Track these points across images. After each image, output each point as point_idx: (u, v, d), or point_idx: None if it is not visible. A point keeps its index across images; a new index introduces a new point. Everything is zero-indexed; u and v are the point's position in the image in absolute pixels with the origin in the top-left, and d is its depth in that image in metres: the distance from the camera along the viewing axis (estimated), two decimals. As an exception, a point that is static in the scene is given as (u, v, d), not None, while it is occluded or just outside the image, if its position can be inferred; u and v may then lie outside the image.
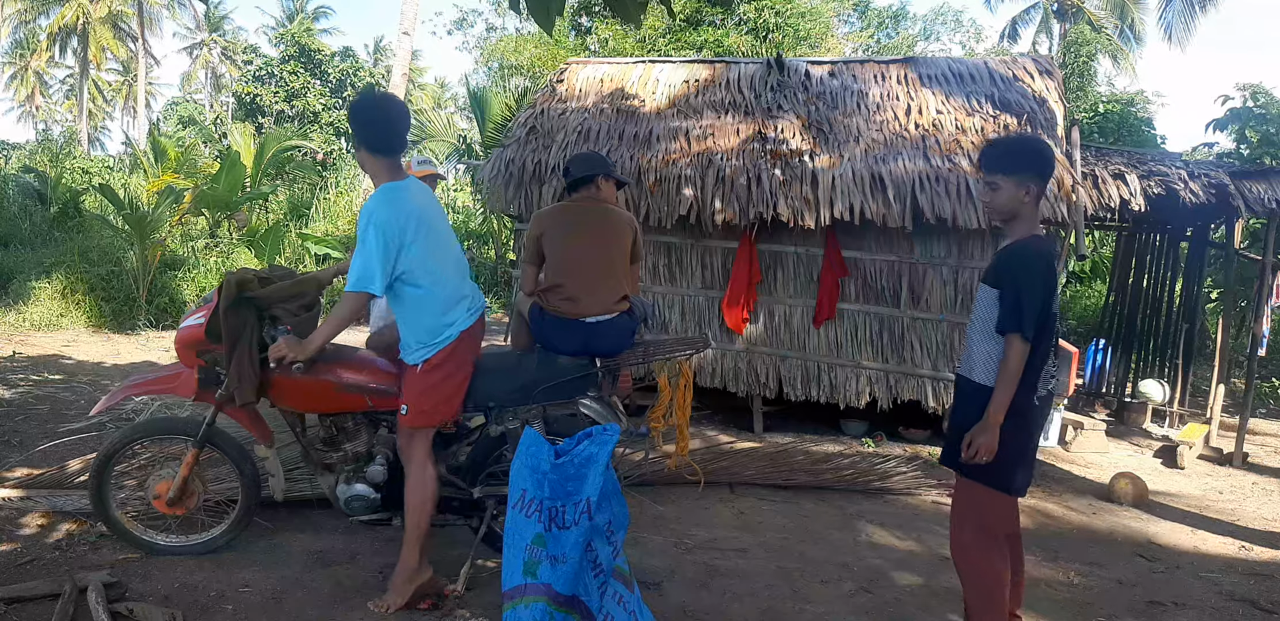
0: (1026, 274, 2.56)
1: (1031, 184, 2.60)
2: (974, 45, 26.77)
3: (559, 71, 7.42)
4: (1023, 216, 2.66)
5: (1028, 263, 2.58)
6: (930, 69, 6.54)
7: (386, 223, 2.74)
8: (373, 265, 2.73)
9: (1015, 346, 2.52)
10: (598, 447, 2.63)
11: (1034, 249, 2.61)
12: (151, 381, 3.31)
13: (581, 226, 3.67)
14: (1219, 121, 8.68)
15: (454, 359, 2.93)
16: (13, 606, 2.77)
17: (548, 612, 2.48)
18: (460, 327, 2.94)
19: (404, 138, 2.97)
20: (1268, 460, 6.28)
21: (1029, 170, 2.61)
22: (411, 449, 2.97)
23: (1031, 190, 2.61)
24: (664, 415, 3.88)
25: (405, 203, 2.81)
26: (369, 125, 2.87)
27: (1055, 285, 2.59)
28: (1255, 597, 3.58)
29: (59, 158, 16.60)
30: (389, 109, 2.92)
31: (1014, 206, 2.64)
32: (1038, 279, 2.54)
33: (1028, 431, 2.66)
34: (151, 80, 41.04)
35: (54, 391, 5.97)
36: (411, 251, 2.79)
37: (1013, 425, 2.59)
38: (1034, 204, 2.65)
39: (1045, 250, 2.63)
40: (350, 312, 2.86)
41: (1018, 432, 2.61)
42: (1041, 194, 2.65)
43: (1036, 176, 2.61)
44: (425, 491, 2.94)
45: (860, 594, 3.36)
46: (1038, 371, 2.61)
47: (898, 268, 5.70)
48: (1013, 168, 2.61)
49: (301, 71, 25.67)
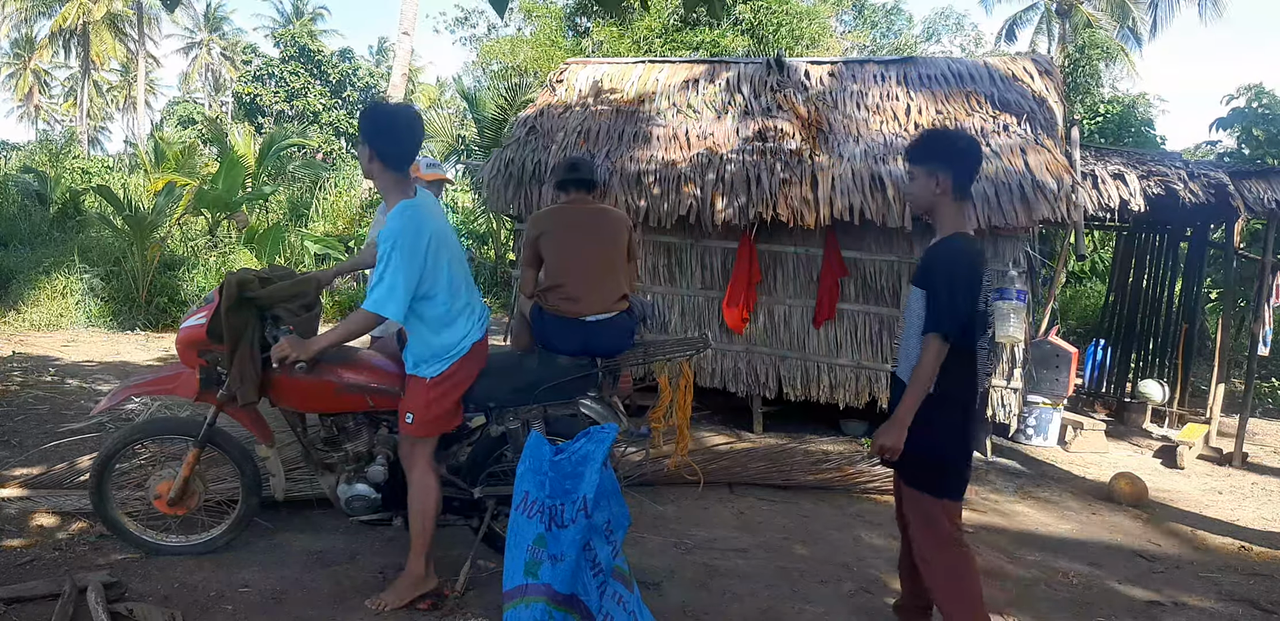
0: (947, 274, 2.54)
1: (940, 174, 2.61)
2: (974, 49, 26.80)
3: (558, 71, 7.42)
4: (943, 211, 2.66)
5: (949, 262, 2.57)
6: (930, 69, 6.54)
7: (415, 245, 2.70)
8: (397, 290, 2.69)
9: (932, 347, 2.51)
10: (594, 445, 2.64)
11: (956, 247, 2.60)
12: (152, 381, 3.30)
13: (579, 227, 3.69)
14: (1223, 120, 8.69)
15: (463, 370, 2.94)
16: (13, 606, 2.77)
17: (547, 612, 2.48)
18: (472, 340, 2.94)
19: (417, 153, 2.94)
20: (1267, 460, 6.29)
21: (936, 160, 2.63)
22: (414, 457, 2.97)
23: (941, 181, 2.61)
24: (664, 415, 3.89)
25: (426, 222, 2.77)
26: (386, 134, 2.80)
27: (978, 283, 2.57)
28: (1255, 597, 3.59)
29: (58, 158, 16.60)
30: (410, 121, 2.85)
31: (927, 197, 2.66)
32: (959, 278, 2.53)
33: (963, 430, 2.62)
34: (152, 81, 41.05)
35: (54, 391, 5.97)
36: (431, 270, 2.78)
37: (946, 423, 2.57)
38: (950, 197, 2.64)
39: (968, 249, 2.62)
40: (360, 329, 2.84)
41: (952, 430, 2.60)
42: (957, 188, 2.63)
43: (946, 167, 2.61)
44: (429, 499, 2.94)
45: (860, 594, 3.36)
46: (972, 370, 2.59)
47: (898, 268, 5.70)
48: (922, 158, 2.66)
49: (302, 71, 25.70)
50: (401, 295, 2.70)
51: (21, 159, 18.51)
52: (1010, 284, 5.35)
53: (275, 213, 14.29)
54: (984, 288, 2.58)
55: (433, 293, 2.81)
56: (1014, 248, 5.48)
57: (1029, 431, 6.24)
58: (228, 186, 11.50)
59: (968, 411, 2.61)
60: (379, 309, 2.71)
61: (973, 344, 2.58)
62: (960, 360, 2.55)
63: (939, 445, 2.57)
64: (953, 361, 2.54)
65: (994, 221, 5.24)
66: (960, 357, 2.55)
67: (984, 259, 2.53)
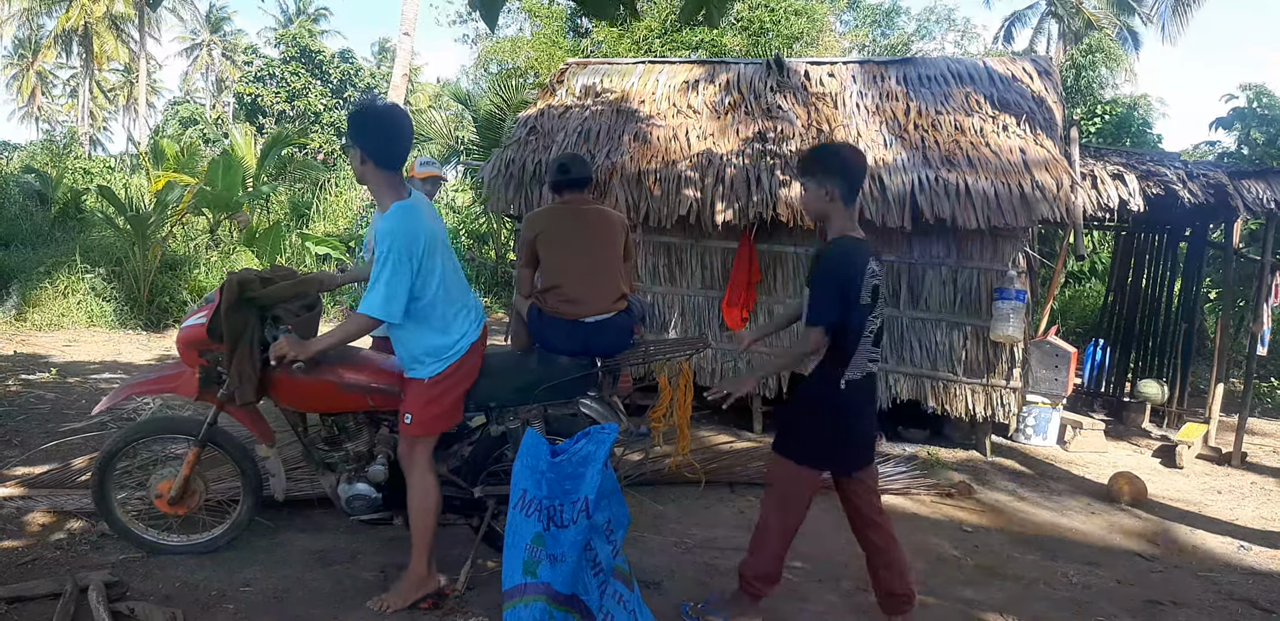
0: (827, 274, 2.80)
1: (829, 185, 2.81)
2: (966, 43, 26.78)
3: (559, 72, 7.43)
4: (834, 217, 2.87)
5: (829, 263, 2.80)
6: (929, 69, 6.55)
7: (410, 247, 2.68)
8: (396, 292, 2.68)
9: (811, 336, 2.79)
10: (595, 446, 2.64)
11: (842, 249, 2.82)
12: (153, 381, 3.31)
13: (575, 227, 3.69)
14: (1222, 120, 8.70)
15: (461, 370, 2.94)
16: (14, 605, 2.78)
17: (547, 611, 2.49)
18: (469, 340, 2.94)
19: (408, 153, 2.93)
20: (1266, 460, 6.29)
21: (823, 172, 2.82)
22: (413, 457, 2.97)
23: (830, 190, 2.81)
24: (664, 415, 3.89)
25: (420, 223, 2.76)
26: (375, 134, 2.78)
27: (858, 279, 2.76)
28: (1254, 597, 3.60)
29: (60, 158, 16.61)
30: (399, 120, 2.83)
31: (820, 206, 2.87)
32: (835, 277, 2.77)
33: (833, 412, 2.86)
34: (154, 81, 41.07)
35: (55, 391, 5.98)
36: (426, 272, 2.77)
37: (816, 404, 2.87)
38: (840, 204, 2.84)
39: (849, 249, 2.82)
40: (360, 332, 2.82)
41: (822, 411, 2.86)
42: (846, 196, 2.83)
43: (835, 178, 2.81)
44: (429, 499, 2.95)
45: (859, 594, 3.37)
46: (848, 355, 2.81)
47: (897, 268, 5.70)
48: (811, 171, 2.87)
49: (302, 72, 25.70)
50: (399, 297, 2.69)
51: (23, 159, 18.52)
52: (1010, 284, 5.36)
53: (276, 213, 14.30)
54: (868, 282, 2.78)
55: (427, 293, 2.81)
56: (1013, 248, 5.48)
57: (1028, 431, 6.24)
58: (228, 186, 11.52)
59: (838, 393, 2.83)
60: (376, 312, 2.69)
61: (857, 333, 2.81)
62: (843, 344, 2.79)
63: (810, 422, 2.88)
64: (836, 350, 2.80)
65: (993, 222, 5.24)
66: (843, 342, 2.79)
67: (868, 257, 2.80)
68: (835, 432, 2.87)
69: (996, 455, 5.81)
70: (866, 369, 2.87)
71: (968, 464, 5.57)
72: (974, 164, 5.49)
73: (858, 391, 2.86)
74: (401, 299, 2.70)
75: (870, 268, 2.79)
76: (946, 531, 4.24)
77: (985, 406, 5.58)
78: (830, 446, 2.88)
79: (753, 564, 2.94)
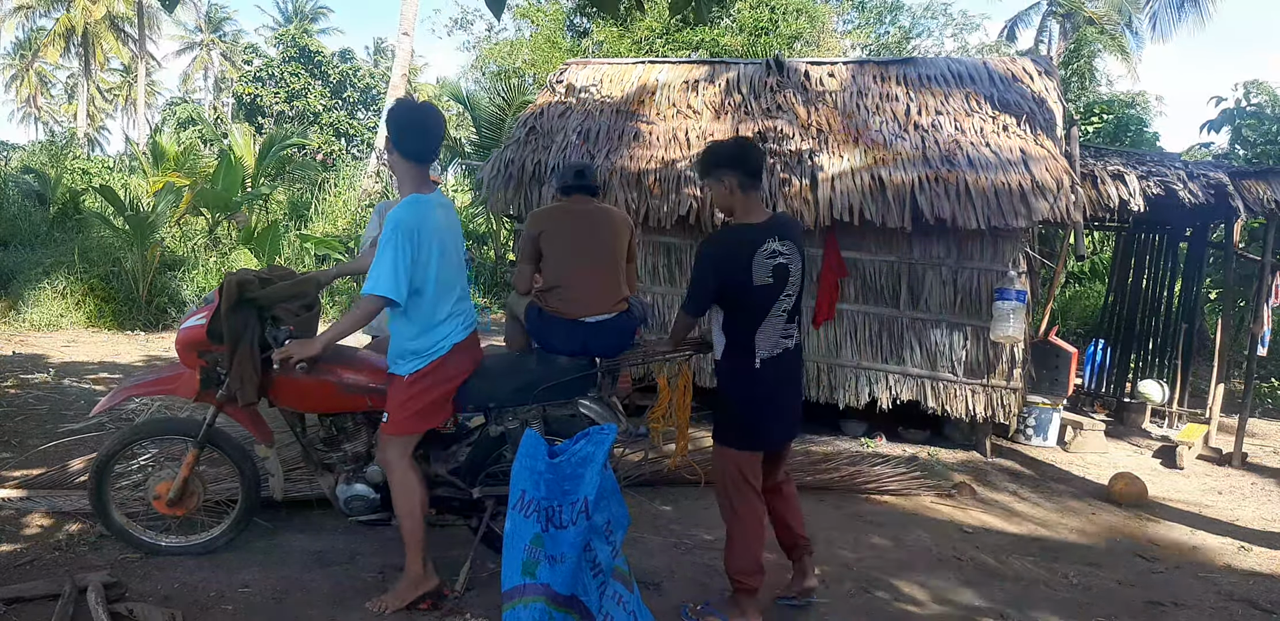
0: (698, 258, 2.96)
1: (726, 178, 2.92)
2: (965, 36, 26.65)
3: (559, 72, 7.42)
4: (737, 208, 2.97)
5: (704, 249, 2.95)
6: (930, 69, 6.54)
7: (413, 232, 2.75)
8: (399, 272, 2.73)
9: (680, 320, 3.03)
10: (594, 447, 2.63)
11: (707, 241, 2.99)
12: (152, 382, 3.31)
13: (580, 227, 3.69)
14: (1212, 123, 8.69)
15: (441, 371, 2.93)
16: (13, 606, 2.78)
17: (546, 612, 2.48)
18: (453, 341, 2.94)
19: (439, 147, 3.01)
20: (1267, 460, 6.28)
21: (715, 167, 2.95)
22: (388, 456, 2.95)
23: (728, 183, 2.92)
24: (664, 415, 3.88)
25: (430, 216, 2.83)
26: (407, 128, 2.89)
27: (741, 262, 2.83)
28: (1254, 597, 3.59)
29: (59, 158, 16.59)
30: (429, 118, 2.94)
31: (724, 201, 2.98)
32: (705, 263, 2.91)
33: (752, 391, 2.94)
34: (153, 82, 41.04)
35: (53, 392, 5.97)
36: (423, 263, 2.80)
37: (733, 385, 2.96)
38: (740, 194, 2.94)
39: (719, 239, 3.00)
40: (366, 316, 2.85)
41: (741, 392, 2.95)
42: (743, 185, 2.92)
43: (725, 170, 2.92)
44: (413, 498, 2.93)
45: (859, 594, 3.36)
46: (751, 337, 2.90)
47: (897, 268, 5.70)
48: (705, 172, 3.01)
49: (302, 72, 25.71)
50: (403, 278, 2.74)
51: (22, 159, 18.50)
52: (1010, 284, 5.36)
53: (275, 213, 14.30)
54: (764, 263, 2.84)
55: (422, 288, 2.83)
56: (1014, 248, 5.48)
57: (1028, 431, 6.24)
58: (227, 186, 11.51)
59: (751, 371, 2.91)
60: (380, 291, 2.74)
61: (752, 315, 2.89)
62: (745, 327, 2.89)
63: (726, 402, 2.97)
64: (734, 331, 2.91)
65: (994, 222, 5.24)
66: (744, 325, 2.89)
67: (764, 238, 2.86)
68: (759, 410, 2.95)
69: (997, 456, 5.80)
70: (782, 345, 2.94)
71: (968, 464, 5.56)
72: (974, 164, 5.49)
73: (774, 368, 2.93)
74: (404, 279, 2.75)
75: (769, 248, 2.85)
76: (946, 532, 4.23)
77: (985, 407, 5.58)
78: (756, 423, 2.96)
79: (731, 558, 2.99)
